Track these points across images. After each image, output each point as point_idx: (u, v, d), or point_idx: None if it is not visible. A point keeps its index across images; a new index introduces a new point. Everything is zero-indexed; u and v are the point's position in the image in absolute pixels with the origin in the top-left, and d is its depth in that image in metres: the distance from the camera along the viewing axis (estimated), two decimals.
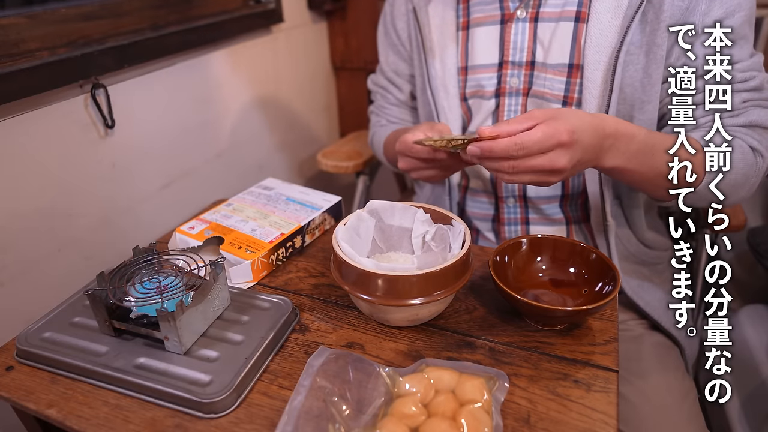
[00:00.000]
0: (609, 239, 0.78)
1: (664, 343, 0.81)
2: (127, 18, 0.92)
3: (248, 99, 1.21)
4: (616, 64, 0.70)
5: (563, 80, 0.75)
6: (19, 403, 0.56)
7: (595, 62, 0.72)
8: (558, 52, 0.75)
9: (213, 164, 1.13)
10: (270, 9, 1.21)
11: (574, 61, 0.74)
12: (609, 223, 0.77)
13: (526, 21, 0.77)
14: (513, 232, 0.87)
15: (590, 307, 0.57)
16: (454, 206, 0.90)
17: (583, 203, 0.83)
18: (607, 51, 0.71)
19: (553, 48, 0.75)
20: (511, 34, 0.78)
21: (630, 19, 0.69)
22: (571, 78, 0.75)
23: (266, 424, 0.52)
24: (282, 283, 0.74)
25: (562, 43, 0.75)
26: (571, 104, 0.76)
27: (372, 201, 0.69)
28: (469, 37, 0.82)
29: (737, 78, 0.69)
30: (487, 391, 0.52)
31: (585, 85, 0.73)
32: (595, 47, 0.72)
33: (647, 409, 0.71)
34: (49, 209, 0.80)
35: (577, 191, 0.82)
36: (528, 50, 0.78)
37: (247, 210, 0.83)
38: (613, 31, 0.71)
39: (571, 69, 0.75)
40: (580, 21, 0.73)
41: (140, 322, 0.60)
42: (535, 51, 0.77)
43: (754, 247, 1.05)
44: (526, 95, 0.80)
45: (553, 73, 0.76)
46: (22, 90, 0.73)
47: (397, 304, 0.58)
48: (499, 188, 0.85)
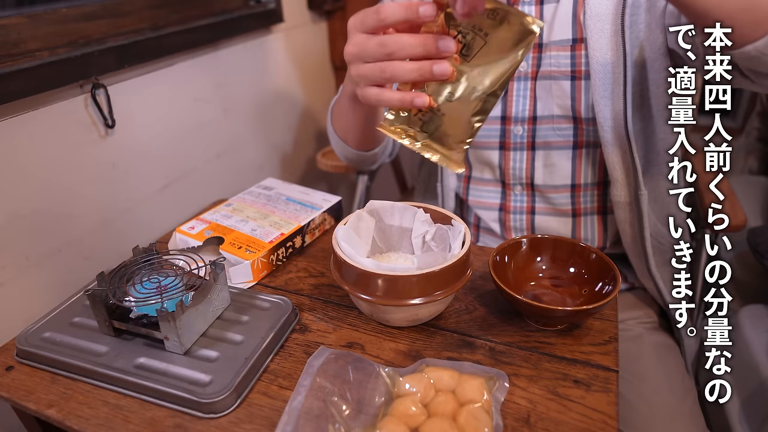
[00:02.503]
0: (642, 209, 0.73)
1: (665, 343, 0.81)
2: (128, 18, 0.92)
3: (248, 99, 1.21)
4: (623, 28, 0.70)
5: (568, 55, 0.76)
6: (19, 403, 0.56)
7: (598, 30, 0.71)
8: (560, 30, 0.75)
9: (213, 164, 1.13)
10: (270, 9, 1.21)
11: (577, 36, 0.75)
12: (642, 192, 0.74)
13: (532, 4, 0.78)
14: (519, 221, 0.87)
15: (590, 307, 0.57)
16: (449, 196, 0.88)
17: (600, 192, 0.82)
18: (608, 17, 0.71)
19: (555, 26, 0.76)
20: None
21: None
22: (575, 51, 0.75)
23: (266, 424, 0.52)
24: (282, 283, 0.74)
25: (564, 20, 0.75)
26: (580, 78, 0.76)
27: (372, 201, 0.69)
28: None
29: None
30: (487, 391, 0.52)
31: (591, 55, 0.72)
32: (595, 16, 0.72)
33: (647, 409, 0.71)
34: (49, 209, 0.80)
35: (589, 181, 0.81)
36: None
37: (247, 210, 0.83)
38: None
39: (574, 43, 0.75)
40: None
41: (140, 322, 0.60)
42: (542, 33, 0.77)
43: (754, 247, 1.05)
44: (534, 79, 0.79)
45: (558, 50, 0.76)
46: (22, 90, 0.73)
47: (397, 304, 0.58)
48: (506, 175, 0.84)
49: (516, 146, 0.82)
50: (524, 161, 0.82)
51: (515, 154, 0.82)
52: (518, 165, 0.82)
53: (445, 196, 0.89)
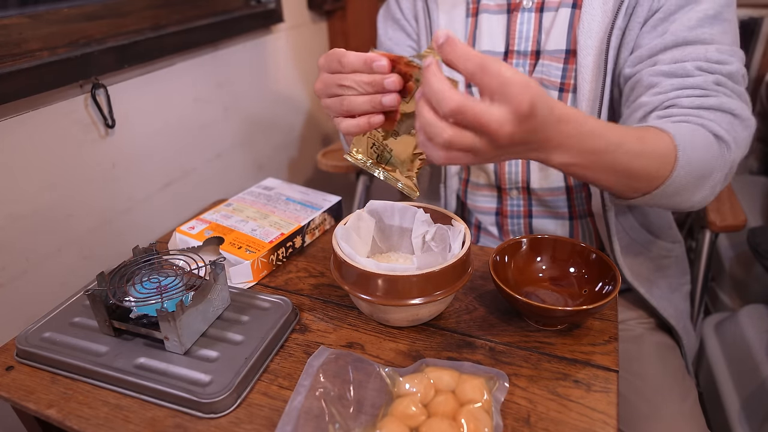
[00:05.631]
0: (609, 222, 0.77)
1: (665, 342, 0.81)
2: (128, 18, 0.92)
3: (248, 99, 1.21)
4: (608, 48, 0.70)
5: (560, 66, 0.76)
6: (19, 403, 0.56)
7: (586, 47, 0.72)
8: (556, 39, 0.75)
9: (213, 164, 1.13)
10: (270, 9, 1.21)
11: (571, 47, 0.75)
12: (608, 206, 0.76)
13: (531, 11, 0.77)
14: (516, 225, 0.87)
15: (590, 307, 0.57)
16: (451, 197, 0.90)
17: (587, 195, 0.83)
18: (597, 35, 0.71)
19: (552, 35, 0.76)
20: (516, 23, 0.78)
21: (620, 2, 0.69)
22: (567, 64, 0.75)
23: (266, 424, 0.52)
24: (282, 283, 0.74)
25: (560, 30, 0.75)
26: (568, 90, 0.76)
27: (372, 201, 0.69)
28: (477, 24, 0.81)
29: (713, 58, 0.64)
30: (487, 391, 0.52)
31: (579, 70, 0.73)
32: (586, 32, 0.72)
33: (647, 409, 0.71)
34: (49, 209, 0.80)
35: (579, 182, 0.81)
36: (533, 40, 0.78)
37: (247, 210, 0.83)
38: (602, 15, 0.71)
39: (568, 55, 0.75)
40: (576, 7, 0.74)
41: (140, 322, 0.60)
42: (540, 40, 0.77)
43: (754, 247, 1.05)
44: None
45: (551, 60, 0.76)
46: (23, 90, 0.73)
47: (397, 304, 0.58)
48: (502, 180, 0.84)
49: None
50: (519, 165, 0.82)
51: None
52: (514, 169, 0.82)
53: (447, 197, 0.89)
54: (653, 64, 0.68)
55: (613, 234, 0.77)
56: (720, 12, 0.66)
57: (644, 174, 0.57)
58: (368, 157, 0.61)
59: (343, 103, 0.55)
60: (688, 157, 0.57)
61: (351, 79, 0.53)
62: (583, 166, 0.53)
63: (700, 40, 0.66)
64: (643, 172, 0.57)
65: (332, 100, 0.56)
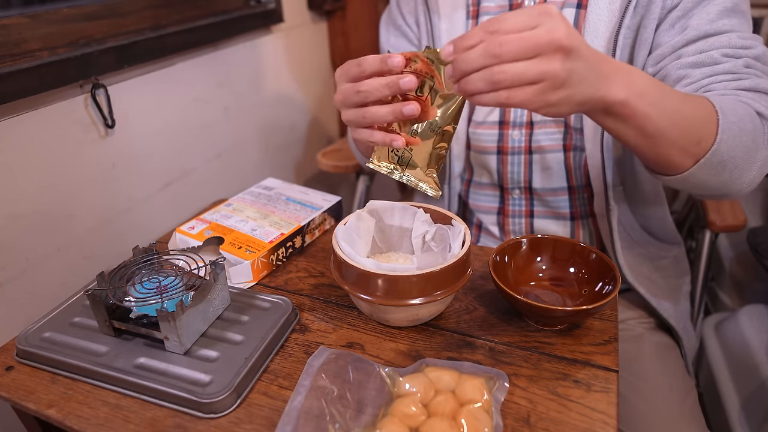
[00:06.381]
0: (611, 223, 0.77)
1: (665, 342, 0.81)
2: (128, 18, 0.92)
3: (248, 99, 1.21)
4: (615, 48, 0.70)
5: None
6: (19, 403, 0.56)
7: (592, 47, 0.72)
8: None
9: (213, 164, 1.13)
10: (270, 9, 1.21)
11: None
12: (611, 207, 0.77)
13: None
14: (517, 224, 0.87)
15: (590, 307, 0.57)
16: (453, 197, 0.90)
17: (590, 196, 0.83)
18: (604, 35, 0.71)
19: None
20: None
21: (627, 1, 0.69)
22: None
23: (266, 424, 0.52)
24: (282, 283, 0.74)
25: None
26: None
27: (372, 201, 0.69)
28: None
29: (737, 44, 0.65)
30: (487, 391, 0.52)
31: None
32: (592, 32, 0.72)
33: (647, 409, 0.71)
34: (49, 209, 0.80)
35: (581, 183, 0.81)
36: None
37: (247, 210, 0.83)
38: (608, 15, 0.71)
39: None
40: (581, 7, 0.74)
41: (140, 322, 0.60)
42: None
43: (754, 247, 1.05)
44: None
45: None
46: (22, 90, 0.73)
47: (397, 304, 0.58)
48: (504, 180, 0.85)
49: (513, 151, 0.82)
50: (522, 165, 0.82)
51: (513, 158, 0.82)
52: (516, 169, 0.82)
53: (450, 198, 0.90)
54: (678, 57, 0.68)
55: (615, 235, 0.77)
56: (737, 4, 0.67)
57: (693, 123, 0.56)
58: (390, 162, 0.62)
59: (365, 116, 0.55)
60: (728, 121, 0.57)
61: (367, 83, 0.54)
62: (640, 107, 0.52)
63: (721, 31, 0.66)
64: (693, 121, 0.56)
65: (353, 113, 0.56)
